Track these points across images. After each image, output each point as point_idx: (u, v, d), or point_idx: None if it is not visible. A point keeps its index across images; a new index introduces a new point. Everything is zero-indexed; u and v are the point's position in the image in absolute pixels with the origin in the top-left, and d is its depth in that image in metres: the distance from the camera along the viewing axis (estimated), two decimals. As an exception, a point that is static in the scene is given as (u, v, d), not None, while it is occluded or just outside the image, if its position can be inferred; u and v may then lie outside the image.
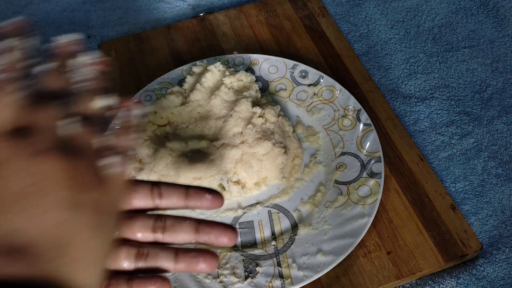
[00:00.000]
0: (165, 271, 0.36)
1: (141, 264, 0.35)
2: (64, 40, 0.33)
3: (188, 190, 0.37)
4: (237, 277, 0.53)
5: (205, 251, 0.36)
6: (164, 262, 0.35)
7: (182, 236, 0.36)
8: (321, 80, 0.68)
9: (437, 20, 0.80)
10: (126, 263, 0.35)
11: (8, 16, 0.86)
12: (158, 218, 0.36)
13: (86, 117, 0.31)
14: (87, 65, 0.33)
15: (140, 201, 0.36)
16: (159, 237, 0.36)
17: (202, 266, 0.35)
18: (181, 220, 0.36)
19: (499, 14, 0.79)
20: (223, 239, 0.36)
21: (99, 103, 0.32)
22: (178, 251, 0.36)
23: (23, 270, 0.26)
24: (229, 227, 0.36)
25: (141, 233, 0.36)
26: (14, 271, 0.26)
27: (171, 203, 0.37)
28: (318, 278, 0.53)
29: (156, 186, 0.37)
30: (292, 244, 0.56)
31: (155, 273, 0.35)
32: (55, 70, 0.32)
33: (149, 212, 0.37)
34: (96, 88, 0.33)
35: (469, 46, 0.76)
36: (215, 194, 0.37)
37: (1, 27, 0.31)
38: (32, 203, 0.27)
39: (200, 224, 0.36)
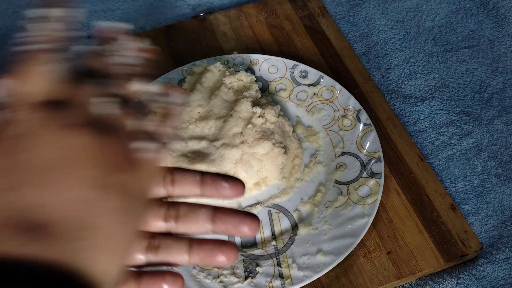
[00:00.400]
0: (178, 264, 0.33)
1: (152, 258, 0.32)
2: (111, 26, 0.31)
3: (203, 176, 0.33)
4: (237, 277, 0.53)
5: (222, 242, 0.32)
6: (177, 255, 0.32)
7: (197, 226, 0.33)
8: (321, 80, 0.68)
9: (437, 20, 0.80)
10: (136, 256, 0.32)
11: (8, 16, 0.86)
12: (171, 206, 0.33)
13: (124, 99, 0.29)
14: (132, 49, 0.31)
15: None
16: (172, 226, 0.33)
17: (221, 259, 0.32)
18: (196, 208, 0.33)
19: (499, 14, 0.79)
20: (243, 229, 0.32)
21: (137, 86, 0.31)
22: (193, 242, 0.32)
23: (40, 250, 0.24)
24: (249, 215, 0.32)
25: (153, 222, 0.33)
26: (30, 251, 0.23)
27: (184, 191, 0.33)
28: (318, 278, 0.53)
29: (169, 172, 0.34)
30: (292, 244, 0.56)
31: (168, 266, 0.33)
32: (98, 52, 0.30)
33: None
34: (138, 73, 0.31)
35: (469, 46, 0.76)
36: (234, 181, 0.33)
37: None
38: (56, 178, 0.25)
39: (217, 212, 0.33)
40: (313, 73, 0.69)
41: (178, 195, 0.34)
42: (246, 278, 0.53)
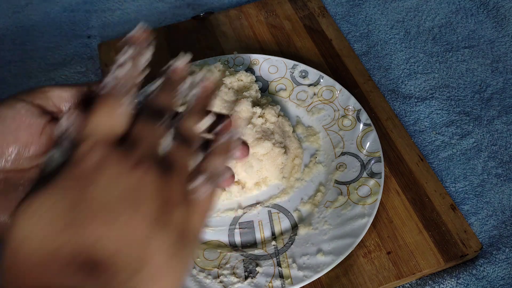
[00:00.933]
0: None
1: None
2: (178, 63, 0.34)
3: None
4: (237, 277, 0.53)
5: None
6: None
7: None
8: (321, 80, 0.68)
9: (437, 20, 0.80)
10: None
11: (9, 16, 0.86)
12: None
13: (188, 138, 0.31)
14: (195, 85, 0.33)
15: None
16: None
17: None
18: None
19: (499, 14, 0.79)
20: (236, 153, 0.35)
21: (203, 124, 0.32)
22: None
23: (99, 287, 0.25)
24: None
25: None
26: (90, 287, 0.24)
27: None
28: (318, 278, 0.53)
29: None
30: (292, 244, 0.56)
31: None
32: (166, 89, 0.32)
33: None
34: (201, 108, 0.33)
35: (469, 46, 0.76)
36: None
37: (129, 36, 0.32)
38: (121, 214, 0.26)
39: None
40: (313, 73, 0.69)
41: None
42: (246, 278, 0.53)
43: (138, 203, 0.27)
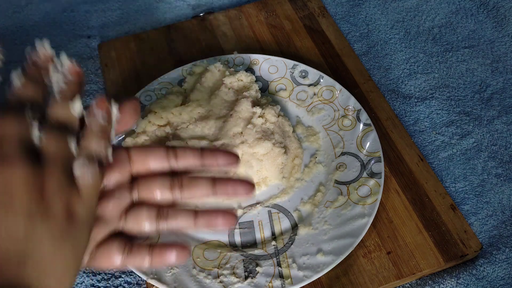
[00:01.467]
0: (185, 230, 0.36)
1: (162, 225, 0.35)
2: (39, 50, 0.34)
3: (203, 150, 0.37)
4: (237, 277, 0.53)
5: (223, 210, 0.36)
6: (184, 220, 0.35)
7: (200, 191, 0.36)
8: (321, 80, 0.68)
9: (437, 20, 0.80)
10: (148, 225, 0.35)
11: (9, 16, 0.86)
12: (175, 177, 0.36)
13: (61, 124, 0.31)
14: (61, 72, 0.33)
15: (156, 162, 0.36)
16: (177, 195, 0.36)
17: (220, 221, 0.35)
18: (197, 177, 0.37)
19: (499, 14, 0.79)
20: (240, 190, 0.36)
21: (75, 108, 0.32)
22: (197, 211, 0.36)
23: None
24: (245, 180, 0.36)
25: (159, 191, 0.35)
26: None
27: (186, 163, 0.37)
28: (318, 278, 0.53)
29: (171, 148, 0.37)
30: (292, 244, 0.56)
31: (177, 233, 0.36)
32: (28, 81, 0.32)
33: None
34: (70, 94, 0.33)
35: (469, 46, 0.76)
36: (229, 152, 0.37)
37: None
38: None
39: (216, 179, 0.36)
40: (313, 73, 0.69)
41: (181, 168, 0.37)
42: (246, 278, 0.53)
43: (9, 200, 0.27)
